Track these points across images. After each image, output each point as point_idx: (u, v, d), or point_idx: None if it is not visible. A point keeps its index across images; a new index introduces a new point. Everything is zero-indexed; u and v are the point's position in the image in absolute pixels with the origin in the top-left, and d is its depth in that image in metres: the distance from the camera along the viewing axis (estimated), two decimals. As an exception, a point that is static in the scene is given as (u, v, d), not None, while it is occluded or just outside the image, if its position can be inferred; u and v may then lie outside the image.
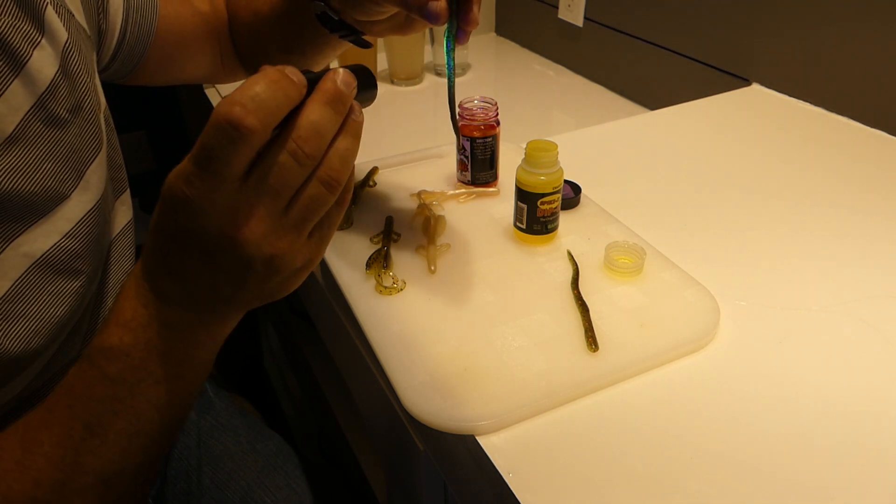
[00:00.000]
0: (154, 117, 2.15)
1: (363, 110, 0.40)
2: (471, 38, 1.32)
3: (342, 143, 0.37)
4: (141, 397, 0.40)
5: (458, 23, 0.51)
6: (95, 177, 0.51)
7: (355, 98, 0.38)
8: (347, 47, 0.64)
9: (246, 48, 0.71)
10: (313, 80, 0.36)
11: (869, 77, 0.81)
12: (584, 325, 0.53)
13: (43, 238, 0.47)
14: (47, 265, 0.47)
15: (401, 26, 0.57)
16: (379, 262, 0.61)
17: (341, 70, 0.36)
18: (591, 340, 0.51)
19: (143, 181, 2.35)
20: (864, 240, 0.64)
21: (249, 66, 0.73)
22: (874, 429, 0.46)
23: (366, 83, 0.43)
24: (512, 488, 0.42)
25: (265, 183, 0.34)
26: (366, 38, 0.60)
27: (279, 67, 0.34)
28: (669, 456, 0.44)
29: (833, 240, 0.65)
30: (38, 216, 0.46)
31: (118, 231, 0.58)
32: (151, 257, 0.38)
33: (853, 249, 0.63)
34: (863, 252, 0.63)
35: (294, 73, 0.35)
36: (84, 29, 0.54)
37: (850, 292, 0.58)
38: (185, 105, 1.95)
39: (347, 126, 0.37)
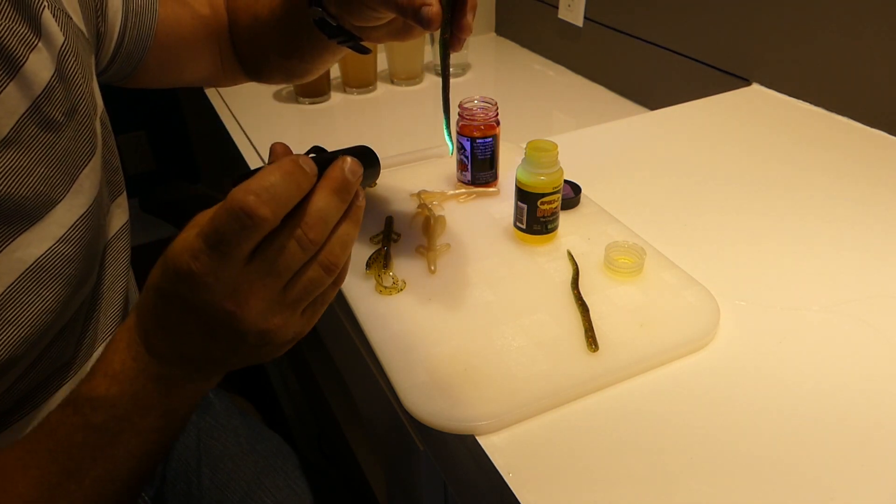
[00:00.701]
0: (154, 117, 2.15)
1: (367, 190, 0.42)
2: (471, 39, 1.31)
3: (344, 229, 0.39)
4: (121, 447, 0.41)
5: (452, 29, 0.52)
6: (88, 181, 0.51)
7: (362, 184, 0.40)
8: (346, 52, 0.64)
9: (246, 52, 0.71)
10: (322, 162, 0.37)
11: (869, 77, 0.81)
12: (584, 325, 0.53)
13: (37, 243, 0.46)
14: (41, 270, 0.47)
15: (399, 32, 0.57)
16: (379, 262, 0.61)
17: (349, 159, 0.38)
18: (591, 340, 0.51)
19: (142, 181, 2.36)
20: (864, 240, 0.64)
21: (250, 69, 0.73)
22: (874, 429, 0.46)
23: (370, 163, 0.44)
24: (512, 488, 0.42)
25: (269, 265, 0.36)
26: (364, 43, 0.60)
27: (293, 158, 0.36)
28: (669, 455, 0.44)
29: (833, 240, 0.65)
30: (30, 221, 0.46)
31: (113, 233, 0.58)
32: (147, 316, 0.39)
33: (853, 249, 0.63)
34: (863, 252, 0.63)
35: (307, 164, 0.36)
36: (82, 32, 0.54)
37: (850, 292, 0.58)
38: (185, 105, 1.95)
39: (351, 213, 0.39)
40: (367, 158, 0.41)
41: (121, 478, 0.42)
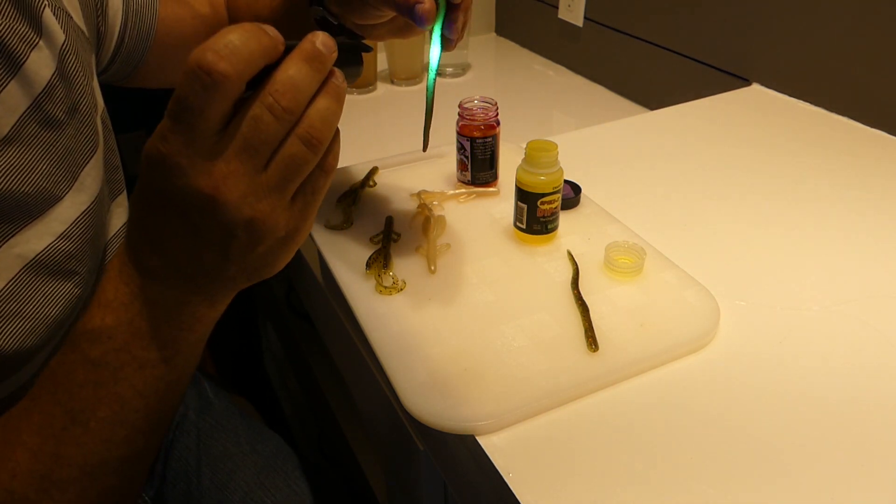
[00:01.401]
0: (154, 117, 2.14)
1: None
2: (471, 39, 1.31)
3: (322, 103, 0.36)
4: (125, 383, 0.38)
5: (443, 30, 0.52)
6: (90, 178, 0.51)
7: (342, 71, 0.37)
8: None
9: None
10: (293, 46, 0.35)
11: (869, 77, 0.81)
12: (584, 325, 0.53)
13: (36, 239, 0.46)
14: (41, 266, 0.47)
15: (400, 29, 0.57)
16: (379, 262, 0.61)
17: (321, 33, 0.36)
18: (591, 340, 0.51)
19: (142, 181, 2.36)
20: (864, 240, 0.64)
21: None
22: (874, 428, 0.46)
23: (350, 59, 0.41)
24: (512, 488, 0.42)
25: (243, 139, 0.34)
26: (366, 42, 0.60)
27: (255, 23, 0.34)
28: (669, 456, 0.44)
29: (833, 240, 0.65)
30: (31, 217, 0.46)
31: (114, 233, 0.58)
32: (133, 229, 0.37)
33: (853, 249, 0.63)
34: (863, 252, 0.63)
35: (270, 29, 0.34)
36: (83, 31, 0.54)
37: (850, 292, 0.58)
38: (185, 105, 1.95)
39: (327, 87, 0.36)
40: (348, 51, 0.38)
41: (129, 421, 0.39)
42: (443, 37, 0.52)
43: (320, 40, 0.35)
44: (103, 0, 0.57)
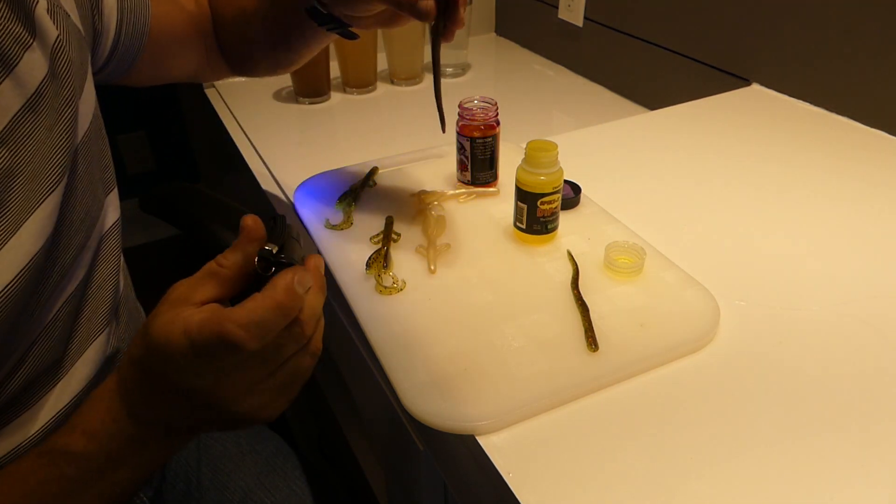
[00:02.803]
0: (154, 117, 2.15)
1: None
2: (471, 39, 1.30)
3: (321, 320, 0.43)
4: (93, 494, 0.42)
5: (445, 21, 0.54)
6: (65, 177, 0.50)
7: None
8: (334, 39, 0.66)
9: (231, 46, 0.72)
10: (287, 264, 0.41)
11: (869, 77, 0.81)
12: (584, 325, 0.53)
13: (32, 241, 0.46)
14: (35, 267, 0.46)
15: (387, 20, 0.60)
16: (379, 262, 0.61)
17: (316, 256, 0.43)
18: (591, 340, 0.51)
19: (142, 181, 2.36)
20: (864, 240, 0.64)
21: (234, 63, 0.74)
22: (874, 429, 0.46)
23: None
24: (512, 488, 0.42)
25: (262, 359, 0.39)
26: (353, 30, 0.62)
27: (289, 285, 0.37)
28: (669, 456, 0.44)
29: (833, 240, 0.65)
30: (21, 220, 0.45)
31: (105, 230, 0.57)
32: (131, 386, 0.41)
33: (853, 249, 0.63)
34: (863, 252, 0.63)
35: (302, 283, 0.38)
36: (79, 29, 0.54)
37: (850, 292, 0.58)
38: (185, 105, 1.95)
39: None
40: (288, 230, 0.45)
41: None
42: (445, 28, 0.54)
43: (322, 265, 0.42)
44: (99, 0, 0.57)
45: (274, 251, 0.40)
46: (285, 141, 1.01)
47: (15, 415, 0.50)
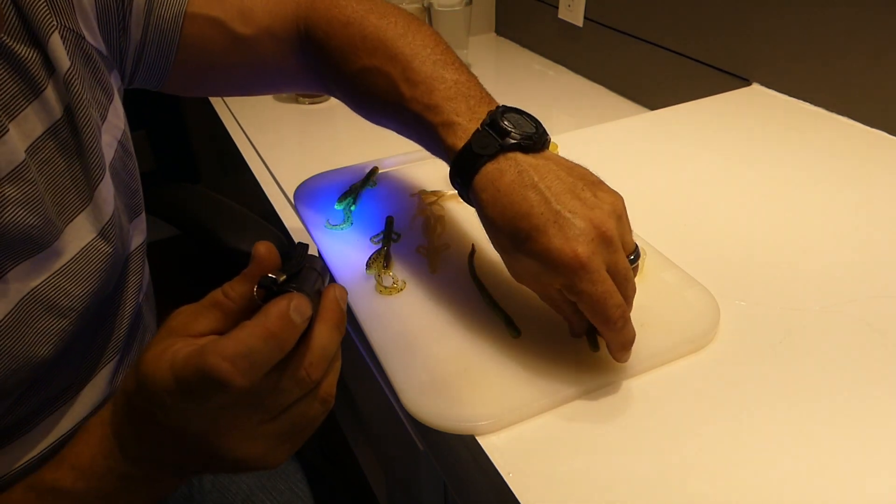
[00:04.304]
0: (154, 117, 2.15)
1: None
2: (471, 38, 1.29)
3: (337, 362, 0.38)
4: None
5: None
6: (97, 208, 0.49)
7: None
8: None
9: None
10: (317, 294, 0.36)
11: (869, 77, 0.81)
12: (568, 321, 0.53)
13: (36, 273, 0.45)
14: (37, 301, 0.45)
15: None
16: (379, 262, 0.61)
17: (339, 286, 0.37)
18: (592, 340, 0.51)
19: (142, 181, 2.36)
20: (863, 240, 0.64)
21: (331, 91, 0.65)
22: (874, 429, 0.46)
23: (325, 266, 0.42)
24: (512, 488, 0.42)
25: (258, 402, 0.35)
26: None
27: (282, 310, 0.33)
28: (669, 456, 0.44)
29: (832, 240, 0.65)
30: (35, 249, 0.45)
31: (130, 251, 0.56)
32: (124, 421, 0.39)
33: (853, 249, 0.63)
34: (863, 252, 0.63)
35: (299, 311, 0.33)
36: (100, 50, 0.52)
37: (850, 292, 0.58)
38: (185, 105, 1.95)
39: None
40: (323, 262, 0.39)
41: None
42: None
43: (341, 296, 0.37)
44: (125, 17, 0.55)
45: (280, 279, 0.34)
46: (285, 141, 1.01)
47: (10, 440, 0.49)
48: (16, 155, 0.43)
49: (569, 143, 0.73)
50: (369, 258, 0.61)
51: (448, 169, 0.52)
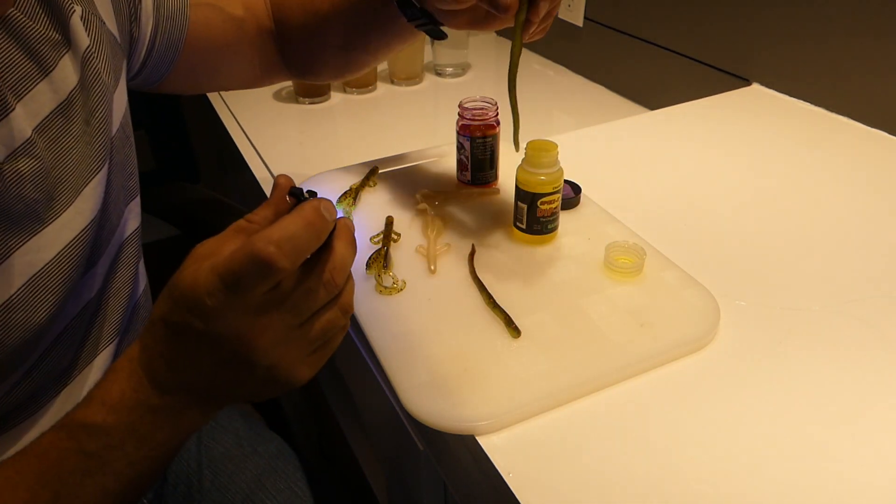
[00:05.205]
0: (154, 117, 2.15)
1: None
2: (471, 39, 1.30)
3: (352, 281, 0.42)
4: (111, 474, 0.40)
5: (528, 14, 0.52)
6: (100, 187, 0.50)
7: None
8: (417, 39, 0.63)
9: (297, 49, 0.69)
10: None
11: (869, 77, 0.81)
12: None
13: (47, 248, 0.46)
14: (48, 276, 0.46)
15: (479, 21, 0.57)
16: (379, 262, 0.61)
17: (349, 219, 0.42)
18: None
19: (142, 181, 2.36)
20: (863, 239, 0.64)
21: (298, 67, 0.71)
22: (874, 429, 0.46)
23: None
24: (512, 488, 0.42)
25: (293, 304, 0.38)
26: (443, 28, 0.59)
27: (315, 205, 0.37)
28: (669, 456, 0.44)
29: (833, 239, 0.65)
30: (41, 225, 0.46)
31: (126, 237, 0.57)
32: (154, 347, 0.39)
33: (853, 249, 0.63)
34: (863, 252, 0.63)
35: (328, 210, 0.38)
36: (115, 37, 0.53)
37: (850, 292, 0.58)
38: (185, 105, 1.95)
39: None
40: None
41: (108, 503, 0.41)
42: (524, 24, 0.53)
43: (351, 221, 0.41)
44: (137, 6, 0.57)
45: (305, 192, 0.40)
46: (285, 141, 1.01)
47: (15, 422, 0.50)
48: (22, 132, 0.44)
49: (569, 143, 0.73)
50: (369, 258, 0.61)
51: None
